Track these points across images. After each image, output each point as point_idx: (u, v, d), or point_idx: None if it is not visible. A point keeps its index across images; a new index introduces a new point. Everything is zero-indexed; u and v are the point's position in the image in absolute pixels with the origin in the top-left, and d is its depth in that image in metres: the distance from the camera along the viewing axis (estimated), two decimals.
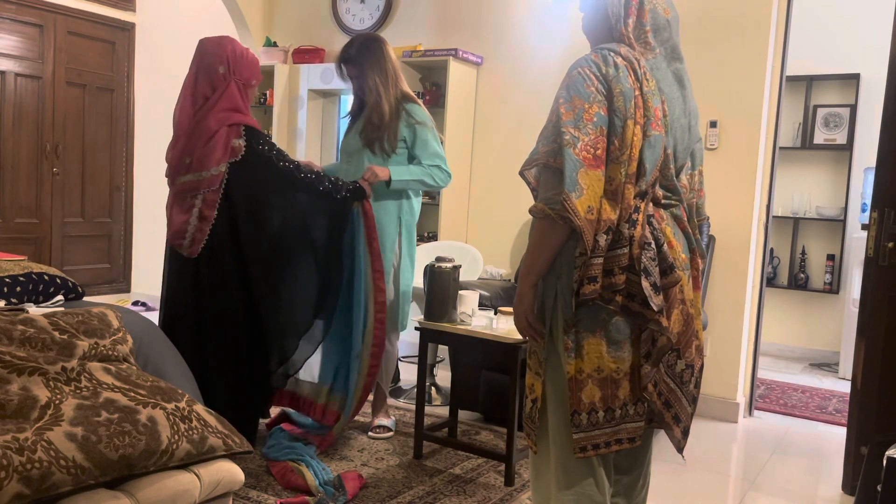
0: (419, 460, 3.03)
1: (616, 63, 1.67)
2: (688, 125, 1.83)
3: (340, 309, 3.06)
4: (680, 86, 1.81)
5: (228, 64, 2.86)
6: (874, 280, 2.89)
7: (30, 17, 5.53)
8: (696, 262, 1.85)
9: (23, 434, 1.59)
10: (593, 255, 1.66)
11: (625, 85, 1.66)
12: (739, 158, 3.79)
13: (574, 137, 1.63)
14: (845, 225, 5.38)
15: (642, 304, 1.68)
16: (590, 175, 1.63)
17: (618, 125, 1.66)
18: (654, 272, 1.68)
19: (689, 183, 1.88)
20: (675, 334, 1.76)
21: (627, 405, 1.76)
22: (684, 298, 1.78)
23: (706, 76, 3.83)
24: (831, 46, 5.35)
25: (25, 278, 2.45)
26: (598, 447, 1.74)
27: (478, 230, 4.63)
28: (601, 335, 1.72)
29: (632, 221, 1.68)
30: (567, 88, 1.67)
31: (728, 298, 3.84)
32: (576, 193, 1.61)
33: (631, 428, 1.78)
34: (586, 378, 1.72)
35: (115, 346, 2.01)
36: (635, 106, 1.67)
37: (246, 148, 2.84)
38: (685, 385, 1.82)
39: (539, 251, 1.72)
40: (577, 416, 1.72)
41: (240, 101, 2.87)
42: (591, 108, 1.64)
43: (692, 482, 3.06)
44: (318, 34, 5.15)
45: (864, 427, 2.89)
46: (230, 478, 1.91)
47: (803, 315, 5.60)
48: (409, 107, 3.16)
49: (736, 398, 3.86)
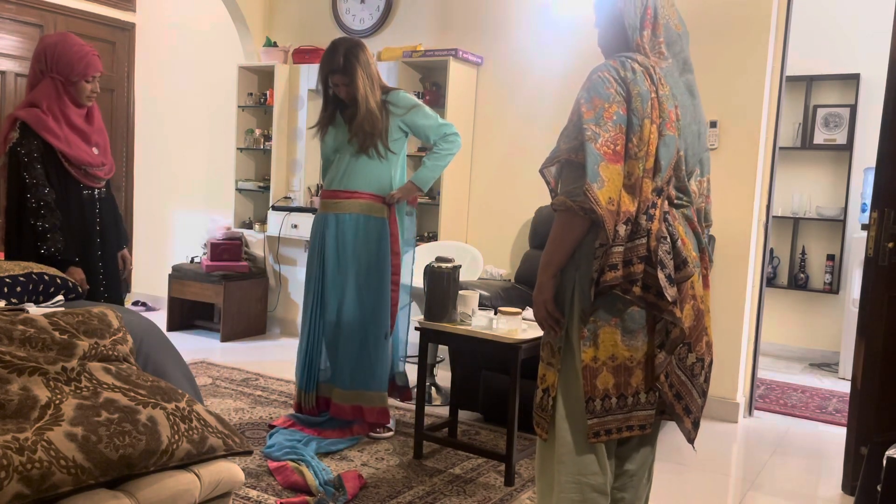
0: (419, 460, 3.03)
1: (633, 68, 1.77)
2: (698, 132, 1.92)
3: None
4: (691, 95, 1.91)
5: (45, 61, 2.85)
6: (874, 280, 2.89)
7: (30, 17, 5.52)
8: (706, 262, 1.93)
9: (23, 434, 1.59)
10: (614, 245, 1.74)
11: (642, 87, 1.75)
12: (739, 158, 3.79)
13: (595, 133, 1.72)
14: (845, 225, 5.38)
15: (657, 295, 1.76)
16: (610, 169, 1.72)
17: (636, 124, 1.75)
18: (668, 265, 1.77)
19: (698, 189, 1.96)
20: (687, 328, 1.83)
21: (640, 393, 1.84)
22: (695, 294, 1.85)
23: (706, 76, 3.82)
24: (831, 46, 5.35)
25: (25, 278, 2.45)
26: (610, 432, 1.83)
27: (478, 230, 4.63)
28: (616, 324, 1.79)
29: (649, 215, 1.77)
30: (588, 90, 1.77)
31: (728, 298, 3.84)
32: (598, 185, 1.70)
33: (642, 416, 1.86)
34: (601, 366, 1.79)
35: (115, 346, 2.01)
36: (651, 107, 1.76)
37: (14, 142, 2.81)
38: (696, 378, 1.90)
39: (559, 243, 1.81)
40: (591, 402, 1.80)
41: (45, 96, 2.83)
42: (610, 107, 1.74)
43: (692, 482, 3.06)
44: (318, 34, 5.15)
45: (864, 427, 2.89)
46: (230, 478, 1.91)
47: (803, 315, 5.59)
48: (391, 98, 3.20)
49: (736, 398, 3.86)
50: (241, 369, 4.32)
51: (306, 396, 3.32)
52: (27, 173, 2.78)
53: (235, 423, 3.35)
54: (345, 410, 3.21)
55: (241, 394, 3.83)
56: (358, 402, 3.21)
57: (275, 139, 5.09)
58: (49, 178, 2.82)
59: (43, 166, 2.81)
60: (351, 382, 3.21)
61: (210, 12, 5.60)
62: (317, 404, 3.32)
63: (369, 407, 3.21)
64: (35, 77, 2.88)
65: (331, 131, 3.25)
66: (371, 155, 3.16)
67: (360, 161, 3.17)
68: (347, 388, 3.21)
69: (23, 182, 2.78)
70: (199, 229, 5.65)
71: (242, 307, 5.21)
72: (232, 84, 5.29)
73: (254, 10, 5.28)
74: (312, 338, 3.30)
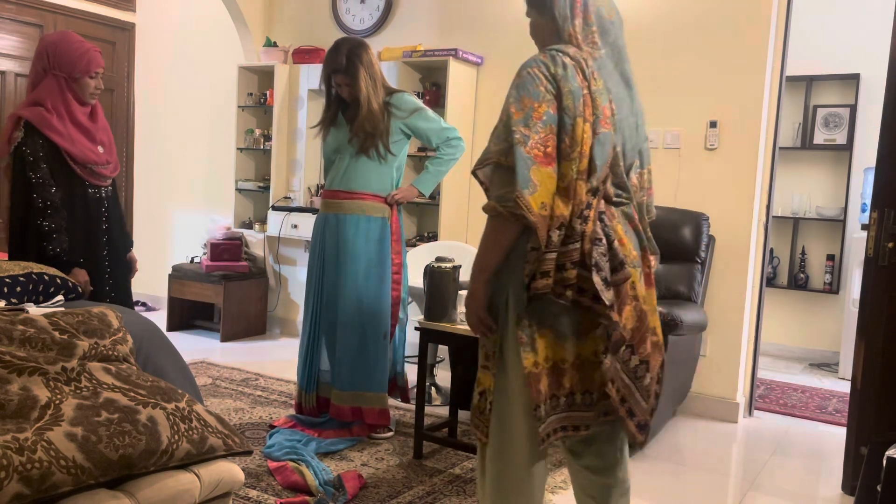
0: (419, 460, 3.03)
1: (564, 63, 1.70)
2: (636, 124, 1.85)
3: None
4: (627, 86, 1.84)
5: (47, 59, 2.84)
6: (874, 280, 2.89)
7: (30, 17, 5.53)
8: (648, 260, 1.87)
9: (23, 434, 1.59)
10: (546, 251, 1.68)
11: (573, 84, 1.69)
12: (739, 158, 3.79)
13: (524, 136, 1.65)
14: (845, 225, 5.38)
15: (593, 299, 1.70)
16: (541, 172, 1.66)
17: (567, 123, 1.68)
18: (604, 267, 1.71)
19: (639, 181, 1.90)
20: (629, 330, 1.78)
21: (575, 394, 1.78)
22: (637, 295, 1.80)
23: (706, 76, 3.83)
24: (831, 46, 5.35)
25: (25, 278, 2.45)
26: (548, 435, 1.77)
27: (478, 230, 4.62)
28: (550, 328, 1.75)
29: (583, 217, 1.70)
30: (517, 88, 1.70)
31: (728, 298, 3.84)
32: (529, 190, 1.63)
33: (576, 416, 1.80)
34: (542, 370, 1.74)
35: (115, 346, 2.01)
36: (584, 104, 1.69)
37: (19, 141, 2.81)
38: (639, 380, 1.84)
39: (491, 249, 1.75)
40: (538, 409, 1.74)
41: (49, 94, 2.83)
42: (540, 106, 1.67)
43: (692, 482, 3.06)
44: (318, 34, 5.15)
45: (863, 427, 2.89)
46: (230, 478, 1.91)
47: (803, 315, 5.60)
48: (394, 101, 3.19)
49: (736, 398, 3.86)
50: (240, 369, 4.32)
51: (307, 396, 3.32)
52: (33, 172, 2.77)
53: (235, 423, 3.35)
54: (344, 411, 3.20)
55: (240, 394, 3.83)
56: (357, 404, 3.20)
57: (275, 139, 5.09)
58: (55, 177, 2.81)
59: (48, 165, 2.80)
60: (350, 383, 3.20)
61: (210, 12, 5.60)
62: (317, 404, 3.32)
63: (368, 408, 3.20)
64: (37, 76, 2.88)
65: (332, 131, 3.26)
66: (371, 156, 3.16)
67: (360, 161, 3.17)
68: (346, 389, 3.20)
69: (28, 181, 2.78)
70: (199, 229, 5.65)
71: (242, 307, 5.21)
72: (232, 84, 5.29)
73: (254, 10, 5.28)
74: (313, 337, 3.30)
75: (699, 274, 3.68)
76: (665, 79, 3.93)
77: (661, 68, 3.93)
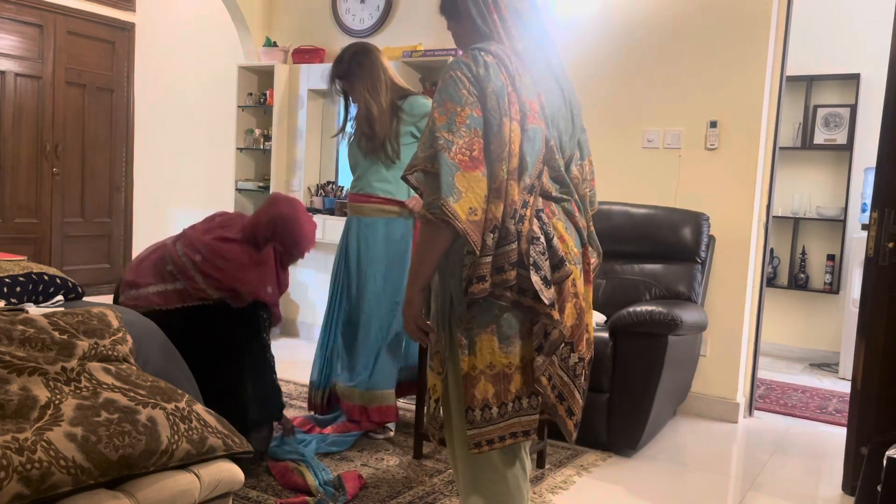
0: (419, 460, 3.03)
1: (486, 62, 1.67)
2: (570, 115, 1.83)
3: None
4: (552, 74, 1.81)
5: (274, 231, 2.85)
6: (874, 280, 2.89)
7: (30, 17, 5.53)
8: (588, 257, 1.86)
9: (23, 434, 1.59)
10: (482, 255, 1.66)
11: (496, 83, 1.66)
12: (739, 158, 3.79)
13: (448, 142, 1.63)
14: (845, 225, 5.38)
15: (534, 298, 1.68)
16: (468, 177, 1.63)
17: (494, 124, 1.66)
18: (544, 266, 1.69)
19: (581, 173, 1.88)
20: (569, 328, 1.77)
21: (521, 398, 1.76)
22: (577, 292, 1.79)
23: (706, 76, 3.83)
24: (831, 46, 5.35)
25: (25, 278, 2.44)
26: (492, 442, 1.74)
27: None
28: (493, 331, 1.72)
29: (519, 217, 1.68)
30: (440, 93, 1.68)
31: (728, 298, 3.84)
32: (453, 198, 1.61)
33: (525, 421, 1.78)
34: (479, 374, 1.72)
35: (115, 346, 2.01)
36: (509, 102, 1.67)
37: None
38: (578, 378, 1.83)
39: (425, 255, 1.73)
40: (470, 412, 1.72)
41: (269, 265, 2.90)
42: (463, 111, 1.64)
43: (692, 482, 3.06)
44: (318, 34, 5.15)
45: (864, 427, 2.89)
46: (230, 478, 1.90)
47: (803, 315, 5.59)
48: (406, 104, 3.19)
49: (736, 398, 3.86)
50: None
51: (317, 392, 3.35)
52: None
53: None
54: (353, 408, 3.22)
55: None
56: (365, 401, 3.21)
57: (275, 139, 5.09)
58: None
59: None
60: (360, 380, 3.22)
61: (210, 12, 5.60)
62: (328, 401, 3.34)
63: (374, 406, 3.21)
64: (260, 235, 2.85)
65: (353, 145, 3.32)
66: (381, 159, 3.18)
67: (374, 165, 3.21)
68: (356, 386, 3.22)
69: None
70: None
71: None
72: (232, 84, 5.29)
73: (254, 10, 5.28)
74: (330, 336, 3.35)
75: (699, 274, 3.68)
76: (665, 79, 3.92)
77: (661, 68, 3.93)
